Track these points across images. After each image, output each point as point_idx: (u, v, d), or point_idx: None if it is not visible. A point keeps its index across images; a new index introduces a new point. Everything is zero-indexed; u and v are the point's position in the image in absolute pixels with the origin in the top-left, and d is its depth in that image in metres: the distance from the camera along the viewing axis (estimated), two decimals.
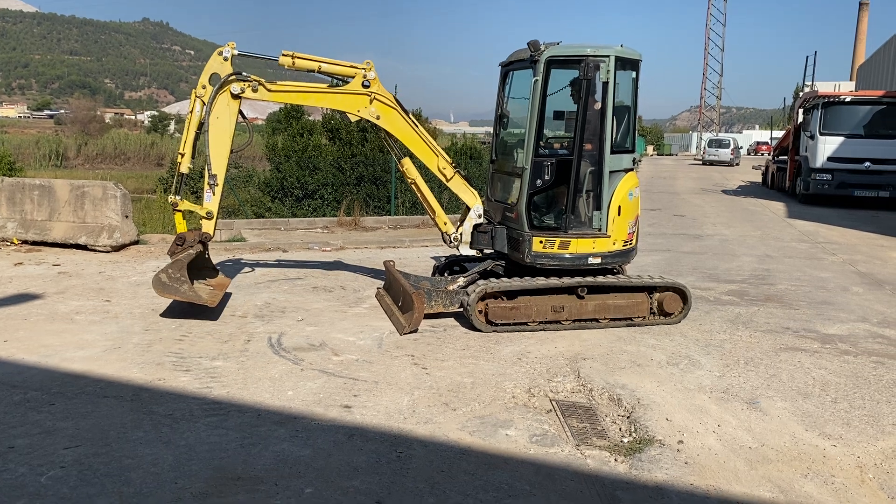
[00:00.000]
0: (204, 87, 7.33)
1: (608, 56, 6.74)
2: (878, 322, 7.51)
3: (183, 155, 7.44)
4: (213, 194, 7.41)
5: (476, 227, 7.54)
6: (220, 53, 7.39)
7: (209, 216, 7.47)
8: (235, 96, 7.38)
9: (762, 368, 5.92)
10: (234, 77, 7.35)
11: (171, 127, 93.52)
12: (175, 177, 7.67)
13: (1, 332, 6.50)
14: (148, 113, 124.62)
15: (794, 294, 8.75)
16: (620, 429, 4.73)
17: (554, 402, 5.12)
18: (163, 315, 7.29)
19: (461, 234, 7.64)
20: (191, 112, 7.39)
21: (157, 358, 5.87)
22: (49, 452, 4.14)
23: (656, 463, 4.20)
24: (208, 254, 7.90)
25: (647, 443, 4.47)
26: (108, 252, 10.66)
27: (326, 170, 16.71)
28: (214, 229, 7.69)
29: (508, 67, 7.60)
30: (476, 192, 7.62)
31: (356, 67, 7.46)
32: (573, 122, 6.89)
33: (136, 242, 11.21)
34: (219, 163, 7.40)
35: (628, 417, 4.90)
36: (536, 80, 6.82)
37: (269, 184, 17.63)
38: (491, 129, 8.32)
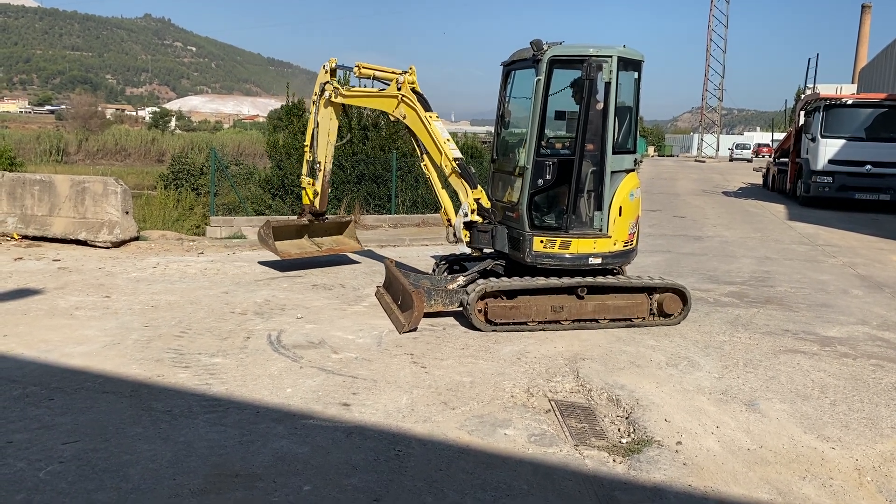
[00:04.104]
0: (316, 94, 9.38)
1: (611, 56, 6.74)
2: (878, 325, 7.51)
3: (307, 146, 9.65)
4: (317, 178, 9.51)
5: (474, 224, 7.51)
6: (324, 67, 9.26)
7: (315, 194, 9.58)
8: (328, 101, 9.20)
9: (761, 370, 5.92)
10: (326, 85, 9.19)
11: (172, 123, 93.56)
12: (304, 162, 9.84)
13: (0, 327, 6.50)
14: (149, 109, 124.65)
15: (793, 296, 8.75)
16: (619, 429, 4.73)
17: (553, 402, 5.12)
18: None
19: (455, 228, 7.63)
20: (311, 114, 9.69)
21: (156, 354, 5.87)
22: (48, 447, 4.14)
23: (654, 464, 4.20)
24: (353, 224, 10.57)
25: (646, 443, 4.47)
26: (108, 248, 10.67)
27: None
28: (322, 203, 9.65)
29: (510, 67, 7.59)
30: (471, 190, 7.54)
31: (395, 73, 8.28)
32: (575, 122, 6.88)
33: (137, 238, 11.21)
34: (322, 152, 9.42)
35: (627, 418, 4.90)
36: (539, 79, 6.81)
37: (269, 181, 17.63)
38: (492, 129, 8.37)
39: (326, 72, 9.21)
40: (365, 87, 9.29)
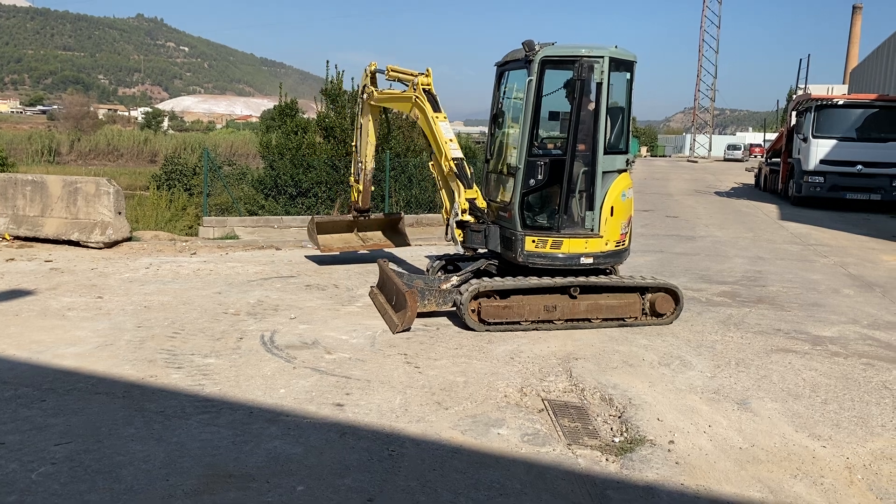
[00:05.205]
0: (360, 98, 9.78)
1: (603, 57, 6.76)
2: (869, 324, 7.56)
3: (354, 146, 10.11)
4: (360, 176, 9.92)
5: (467, 224, 7.51)
6: (365, 71, 9.53)
7: (358, 192, 10.01)
8: (367, 104, 9.57)
9: (753, 369, 5.95)
10: (364, 87, 9.55)
11: (165, 123, 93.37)
12: (352, 163, 10.27)
13: None
14: (141, 109, 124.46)
15: (785, 296, 8.79)
16: (612, 428, 4.75)
17: (546, 402, 5.13)
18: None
19: (449, 228, 7.64)
20: (356, 116, 10.22)
21: (149, 355, 5.86)
22: (40, 449, 4.13)
23: (647, 463, 4.22)
24: (402, 220, 10.71)
25: (638, 443, 4.48)
26: (100, 248, 10.63)
27: (320, 168, 16.69)
28: (364, 201, 10.03)
29: (504, 67, 7.61)
30: (465, 190, 7.52)
31: (414, 75, 8.35)
32: (567, 122, 6.91)
33: (129, 239, 11.19)
34: (363, 151, 9.83)
35: (619, 417, 4.91)
36: (531, 80, 6.83)
37: (262, 181, 17.60)
38: (485, 129, 8.40)
39: (367, 75, 9.48)
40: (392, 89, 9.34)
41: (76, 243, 10.74)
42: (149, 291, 8.11)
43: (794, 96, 26.69)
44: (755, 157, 48.51)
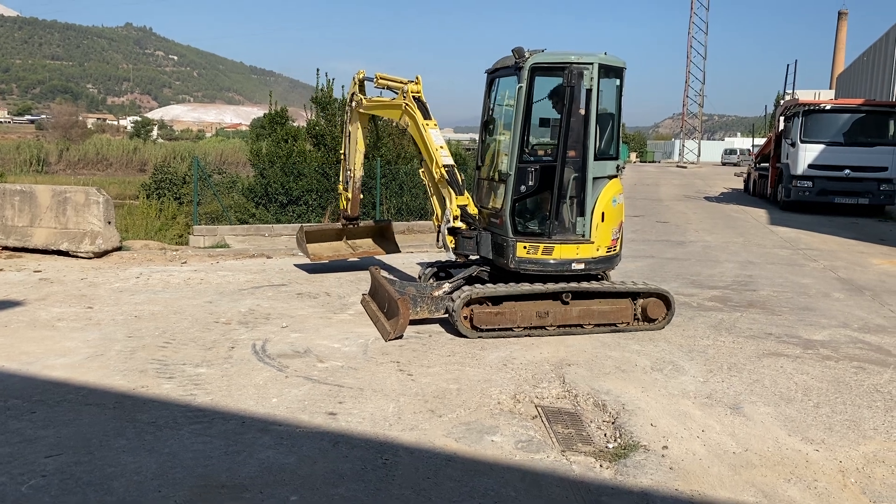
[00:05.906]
0: (348, 106, 9.84)
1: (592, 63, 6.79)
2: (859, 328, 7.59)
3: (342, 154, 10.16)
4: (348, 184, 9.93)
5: (459, 231, 7.51)
6: (353, 79, 9.58)
7: (347, 200, 10.02)
8: (355, 112, 9.61)
9: (745, 374, 5.97)
10: (352, 95, 9.61)
11: (154, 132, 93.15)
12: (341, 171, 10.25)
13: None
14: (131, 118, 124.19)
15: (776, 300, 8.83)
16: (605, 434, 4.74)
17: (539, 408, 5.12)
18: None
19: (441, 234, 7.64)
20: (345, 124, 10.21)
21: (140, 365, 5.82)
22: (30, 461, 4.09)
23: (641, 468, 4.22)
24: (391, 227, 10.84)
25: (632, 448, 4.48)
26: (90, 258, 10.57)
27: (311, 176, 16.66)
28: (353, 209, 10.01)
29: (494, 74, 7.64)
30: (456, 196, 7.53)
31: (403, 82, 8.36)
32: (557, 128, 6.93)
33: (119, 249, 11.12)
34: (352, 159, 9.85)
35: (613, 423, 4.91)
36: (521, 87, 6.85)
37: (252, 190, 17.55)
38: (476, 136, 8.43)
39: (355, 83, 9.53)
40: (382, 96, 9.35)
41: (65, 253, 10.68)
42: (139, 301, 8.07)
43: (782, 102, 26.86)
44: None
